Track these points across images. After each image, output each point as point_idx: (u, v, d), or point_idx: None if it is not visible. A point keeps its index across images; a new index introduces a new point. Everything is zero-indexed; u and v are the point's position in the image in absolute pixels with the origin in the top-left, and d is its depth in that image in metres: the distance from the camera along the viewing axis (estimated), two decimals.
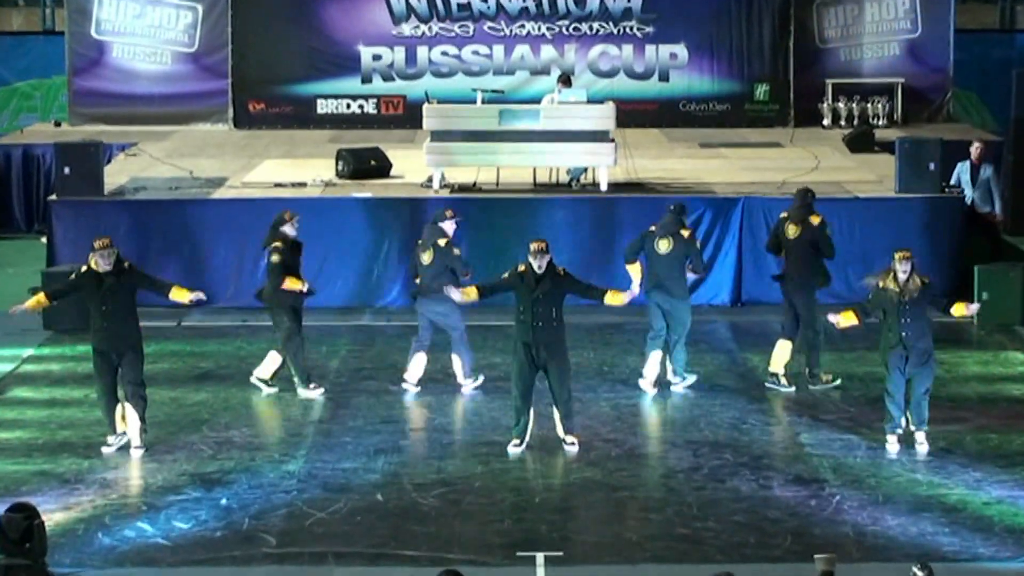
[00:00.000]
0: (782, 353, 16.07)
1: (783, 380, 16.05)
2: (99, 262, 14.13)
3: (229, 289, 19.44)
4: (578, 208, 19.77)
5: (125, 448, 14.19)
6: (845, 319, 14.61)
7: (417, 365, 16.05)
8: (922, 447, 14.19)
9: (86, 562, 11.65)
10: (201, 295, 14.81)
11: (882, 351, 14.36)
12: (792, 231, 16.09)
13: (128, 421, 14.24)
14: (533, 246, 14.17)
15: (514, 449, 14.21)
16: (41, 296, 14.52)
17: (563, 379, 14.26)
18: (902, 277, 14.10)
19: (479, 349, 16.76)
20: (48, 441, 14.40)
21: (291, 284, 15.76)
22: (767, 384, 16.08)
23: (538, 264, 14.06)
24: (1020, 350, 17.68)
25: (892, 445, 14.24)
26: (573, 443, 14.25)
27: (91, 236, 18.86)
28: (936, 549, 11.81)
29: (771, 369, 16.14)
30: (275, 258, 15.88)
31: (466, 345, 16.01)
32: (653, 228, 15.90)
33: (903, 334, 14.08)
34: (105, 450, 14.14)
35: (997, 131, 25.78)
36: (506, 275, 14.36)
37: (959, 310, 14.80)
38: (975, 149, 21.13)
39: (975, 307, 15.48)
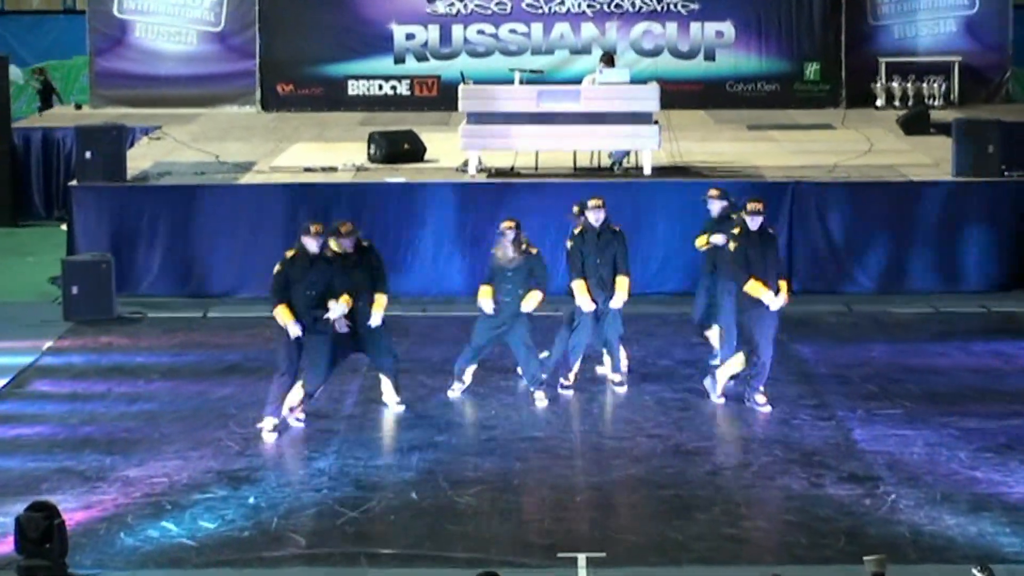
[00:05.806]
0: None
1: None
2: (341, 244, 14.39)
3: (257, 278, 19.12)
4: (620, 193, 19.38)
5: (151, 445, 14.08)
6: None
7: None
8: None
9: (108, 563, 11.55)
10: None
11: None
12: None
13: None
14: (592, 201, 15.11)
15: (614, 378, 15.44)
16: (283, 311, 14.06)
17: (617, 324, 15.27)
18: (752, 226, 14.53)
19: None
20: (69, 437, 14.29)
21: (278, 314, 14.18)
22: None
23: (596, 217, 15.08)
24: None
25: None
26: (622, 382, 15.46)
27: (113, 223, 18.75)
28: (996, 550, 11.61)
29: None
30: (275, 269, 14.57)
31: None
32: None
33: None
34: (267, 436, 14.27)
35: None
36: (569, 246, 15.13)
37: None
38: None
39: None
